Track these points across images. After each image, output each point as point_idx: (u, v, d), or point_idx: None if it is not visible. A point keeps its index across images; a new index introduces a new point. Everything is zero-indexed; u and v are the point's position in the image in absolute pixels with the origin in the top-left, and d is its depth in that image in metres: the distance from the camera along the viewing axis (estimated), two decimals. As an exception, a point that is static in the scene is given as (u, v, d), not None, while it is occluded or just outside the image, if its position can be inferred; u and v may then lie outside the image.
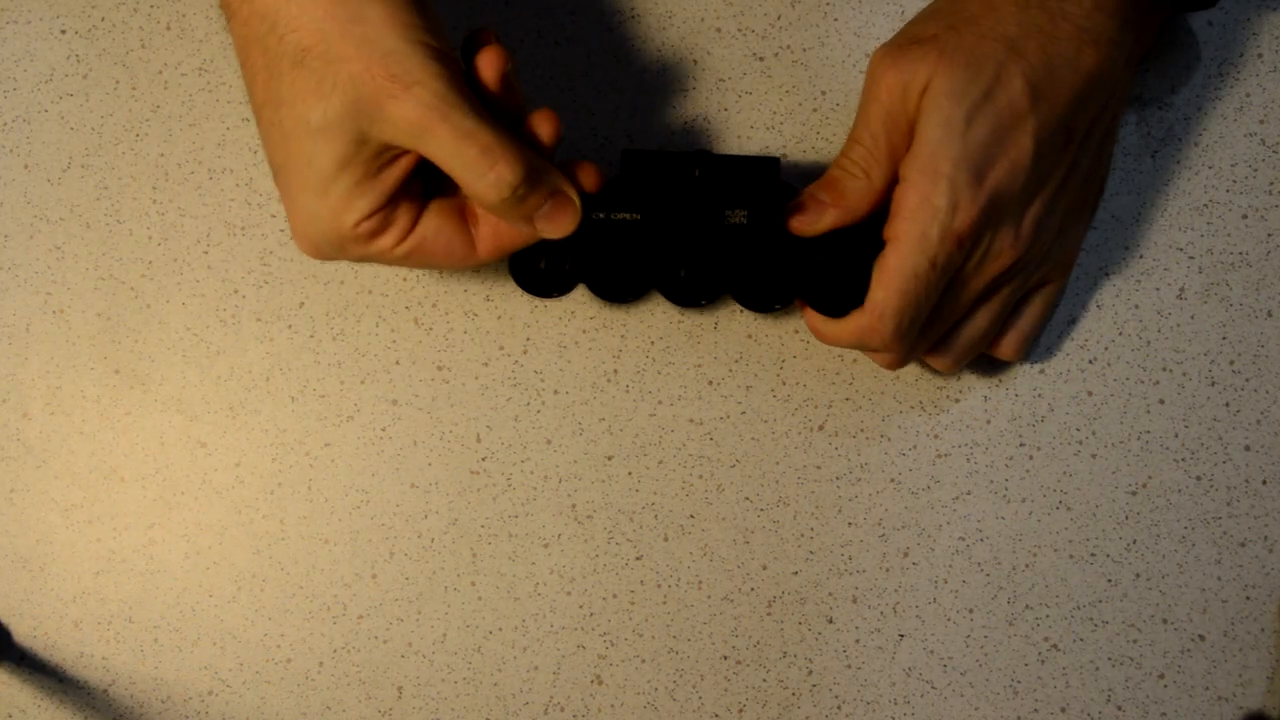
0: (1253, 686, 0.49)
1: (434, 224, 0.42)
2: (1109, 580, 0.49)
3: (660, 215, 0.44)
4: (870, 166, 0.43)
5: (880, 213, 0.44)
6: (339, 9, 0.38)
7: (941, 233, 0.41)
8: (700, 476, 0.49)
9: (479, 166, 0.39)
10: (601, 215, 0.44)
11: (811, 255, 0.44)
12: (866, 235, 0.44)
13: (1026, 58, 0.41)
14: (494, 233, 0.43)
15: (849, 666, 0.49)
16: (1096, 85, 0.43)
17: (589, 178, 0.43)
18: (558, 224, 0.42)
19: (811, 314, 0.45)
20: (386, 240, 0.41)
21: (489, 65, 0.41)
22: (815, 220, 0.44)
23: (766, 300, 0.46)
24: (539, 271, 0.46)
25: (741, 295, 0.46)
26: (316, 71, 0.38)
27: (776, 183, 0.45)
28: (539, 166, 0.41)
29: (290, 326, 0.50)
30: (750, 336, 0.50)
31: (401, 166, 0.40)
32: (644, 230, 0.44)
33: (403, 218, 0.41)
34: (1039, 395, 0.49)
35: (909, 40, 0.43)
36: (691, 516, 0.49)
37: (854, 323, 0.43)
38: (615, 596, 0.49)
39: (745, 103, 0.50)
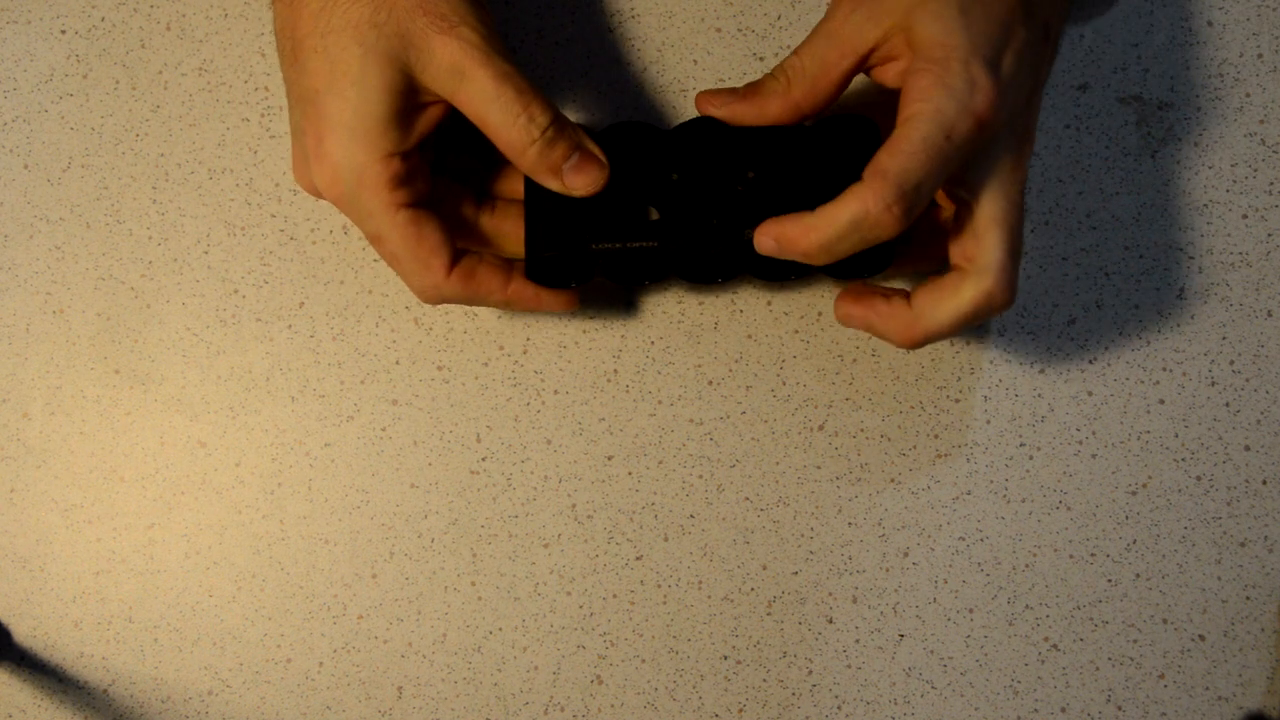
0: (1253, 686, 0.49)
1: (434, 223, 0.43)
2: (1109, 580, 0.49)
3: (678, 242, 0.44)
4: (795, 78, 0.42)
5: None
6: None
7: (960, 108, 0.39)
8: (700, 476, 0.49)
9: (514, 107, 0.41)
10: (617, 245, 0.44)
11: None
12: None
13: None
14: (473, 276, 0.44)
15: (849, 666, 0.49)
16: None
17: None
18: (586, 177, 0.43)
19: (796, 219, 0.41)
20: (399, 195, 0.42)
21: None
22: (722, 105, 0.43)
23: (785, 271, 0.45)
24: (555, 268, 0.46)
25: (761, 273, 0.45)
26: (372, 3, 0.40)
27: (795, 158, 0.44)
28: (566, 119, 0.42)
29: (290, 326, 0.50)
30: (750, 336, 0.50)
31: (430, 117, 0.42)
32: (661, 255, 0.44)
33: (419, 186, 0.43)
34: (1039, 395, 0.49)
35: None
36: (691, 516, 0.49)
37: (854, 194, 0.40)
38: (615, 596, 0.49)
39: (745, 103, 0.50)
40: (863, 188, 0.40)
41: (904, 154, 0.39)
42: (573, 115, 0.50)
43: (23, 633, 0.50)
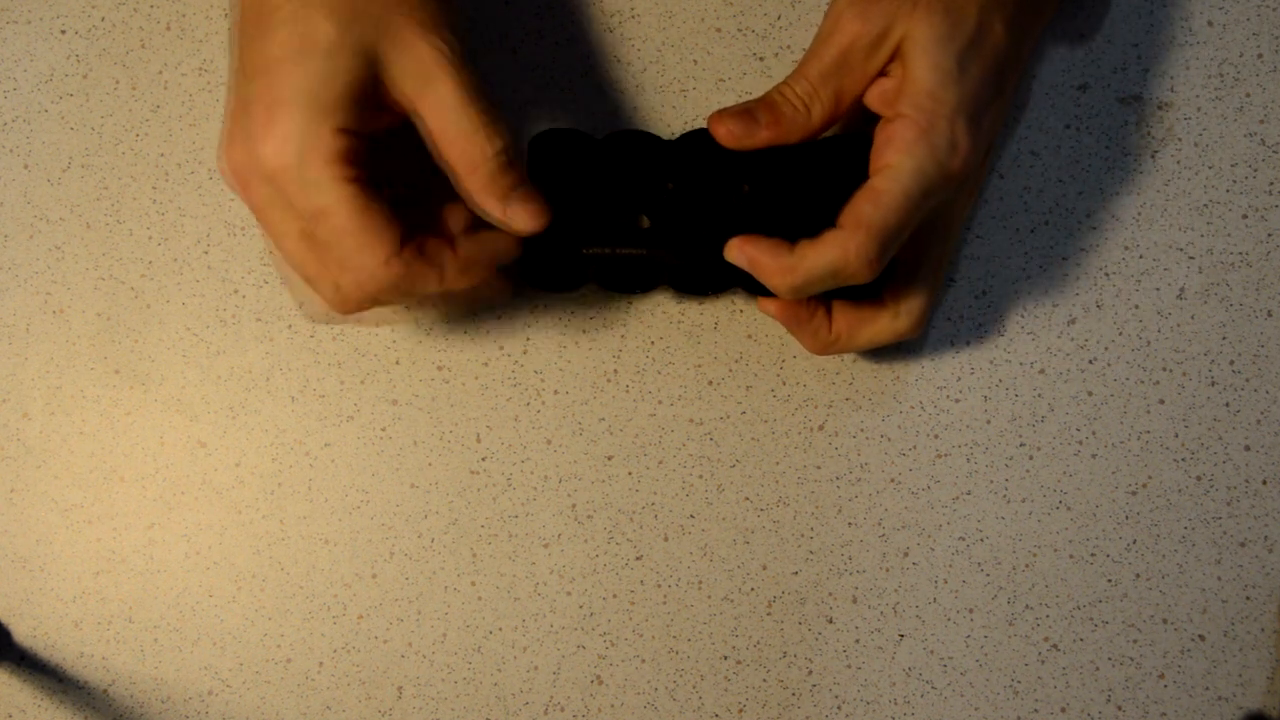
0: (1253, 686, 0.49)
1: (381, 200, 0.40)
2: (1109, 580, 0.49)
3: (667, 251, 0.44)
4: (812, 103, 0.43)
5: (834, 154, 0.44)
6: None
7: (939, 169, 0.41)
8: (700, 476, 0.49)
9: (476, 120, 0.40)
10: (607, 251, 0.44)
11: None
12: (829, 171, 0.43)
13: (1006, 5, 0.42)
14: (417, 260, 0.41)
15: (849, 666, 0.49)
16: (1049, 18, 0.44)
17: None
18: (528, 211, 0.41)
19: (774, 254, 0.42)
20: (349, 170, 0.39)
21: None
22: (745, 136, 0.43)
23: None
24: (547, 270, 0.46)
25: (751, 288, 0.45)
26: None
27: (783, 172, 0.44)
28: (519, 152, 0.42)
29: (290, 326, 0.50)
30: (750, 336, 0.50)
31: (381, 121, 0.41)
32: (650, 264, 0.45)
33: (369, 166, 0.40)
34: (1039, 395, 0.49)
35: None
36: (691, 516, 0.49)
37: (833, 241, 0.41)
38: (615, 596, 0.49)
39: (745, 103, 0.50)
40: (844, 236, 0.41)
41: (886, 208, 0.40)
42: (573, 116, 0.50)
43: (23, 633, 0.50)
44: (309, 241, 0.41)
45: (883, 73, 0.42)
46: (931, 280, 0.46)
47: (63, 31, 0.51)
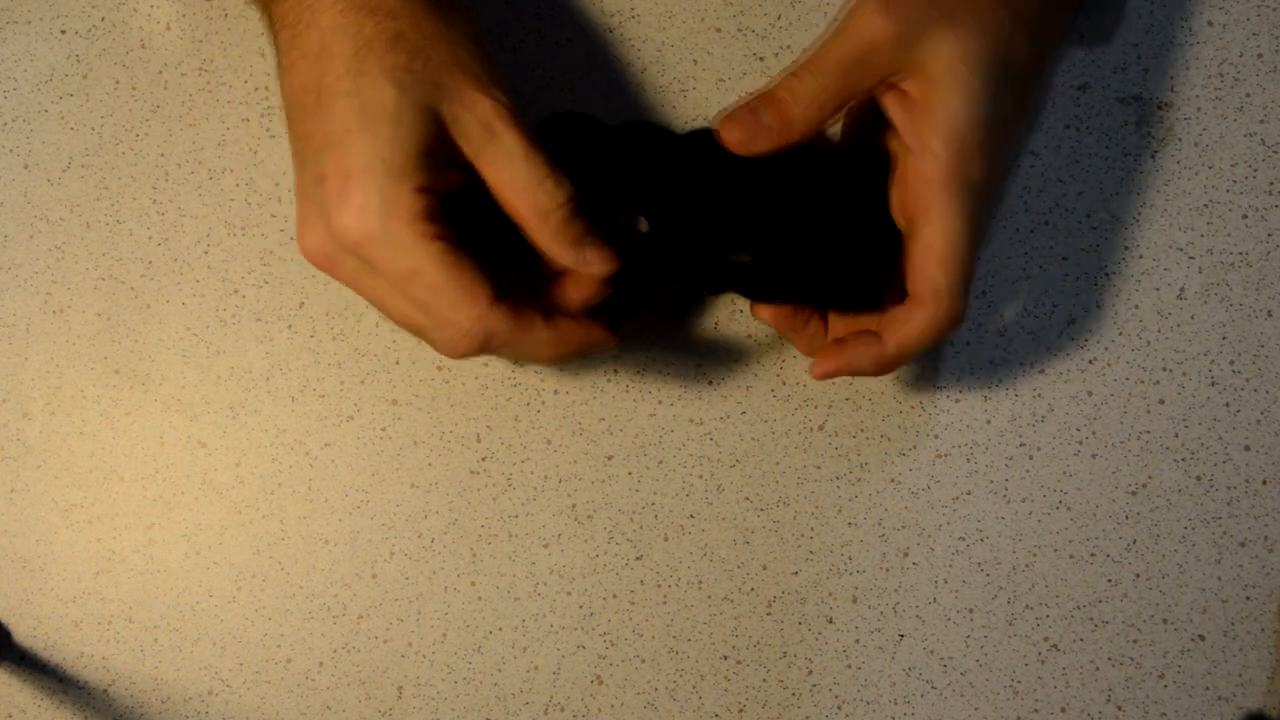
0: (1253, 686, 0.49)
1: (469, 257, 0.40)
2: (1109, 580, 0.49)
3: (663, 256, 0.44)
4: (825, 102, 0.42)
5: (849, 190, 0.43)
6: (436, 13, 0.41)
7: (980, 204, 0.41)
8: (700, 476, 0.49)
9: (542, 171, 0.40)
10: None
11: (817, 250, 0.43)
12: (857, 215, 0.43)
13: (1026, 18, 0.41)
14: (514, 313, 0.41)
15: (849, 666, 0.49)
16: (1070, 25, 0.44)
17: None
18: (604, 256, 0.41)
19: (868, 353, 0.43)
20: (434, 227, 0.39)
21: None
22: (753, 141, 0.42)
23: (772, 294, 0.45)
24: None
25: (748, 292, 0.45)
26: (408, 53, 0.40)
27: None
28: None
29: (290, 326, 0.50)
30: (750, 336, 0.50)
31: (452, 179, 0.40)
32: (647, 267, 0.44)
33: (451, 224, 0.40)
34: (1039, 395, 0.49)
35: None
36: (691, 516, 0.49)
37: (920, 319, 0.42)
38: (615, 596, 0.49)
39: (745, 103, 0.50)
40: (930, 310, 0.42)
41: (953, 268, 0.41)
42: (573, 115, 0.50)
43: (23, 633, 0.50)
44: (410, 301, 0.41)
45: (895, 82, 0.41)
46: (959, 280, 0.45)
47: (63, 31, 0.51)
